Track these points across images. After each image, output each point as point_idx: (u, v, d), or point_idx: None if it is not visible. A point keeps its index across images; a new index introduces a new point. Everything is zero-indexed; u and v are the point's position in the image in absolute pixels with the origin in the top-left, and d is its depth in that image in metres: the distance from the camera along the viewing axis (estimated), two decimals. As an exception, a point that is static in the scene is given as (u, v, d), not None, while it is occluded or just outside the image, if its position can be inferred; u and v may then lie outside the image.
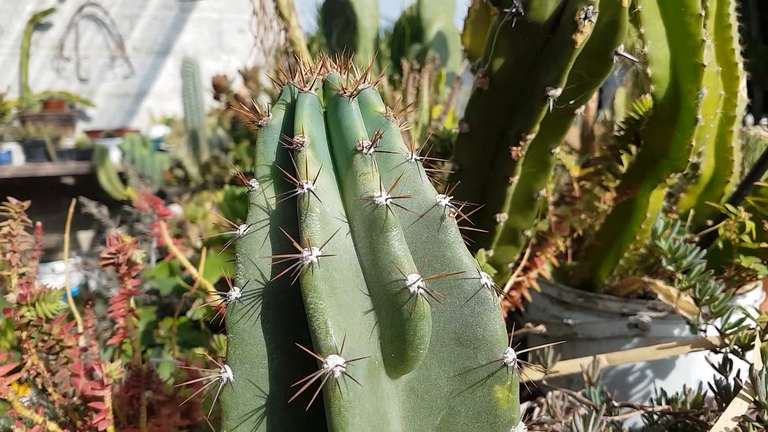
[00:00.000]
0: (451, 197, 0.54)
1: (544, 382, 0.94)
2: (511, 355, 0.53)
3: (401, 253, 0.50)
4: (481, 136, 0.83)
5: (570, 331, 1.18)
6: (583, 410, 0.82)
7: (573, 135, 1.58)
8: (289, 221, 0.53)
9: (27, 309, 0.82)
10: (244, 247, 0.53)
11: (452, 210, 0.53)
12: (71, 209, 1.03)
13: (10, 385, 0.83)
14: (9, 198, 0.87)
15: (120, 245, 0.75)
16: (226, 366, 0.51)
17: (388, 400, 0.53)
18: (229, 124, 3.59)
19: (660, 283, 1.04)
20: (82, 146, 5.06)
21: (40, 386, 0.88)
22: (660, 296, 1.03)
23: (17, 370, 0.88)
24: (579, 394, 0.89)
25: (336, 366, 0.45)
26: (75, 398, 0.91)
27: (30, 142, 4.88)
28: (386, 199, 0.49)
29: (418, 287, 0.48)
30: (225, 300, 0.52)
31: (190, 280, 1.55)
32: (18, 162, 4.79)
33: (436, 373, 0.55)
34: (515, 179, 0.85)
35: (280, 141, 0.52)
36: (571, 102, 0.74)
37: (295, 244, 0.48)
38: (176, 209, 2.65)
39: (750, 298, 1.11)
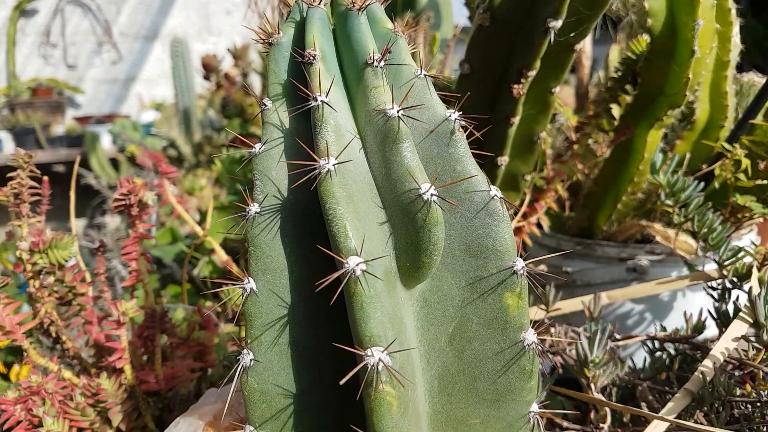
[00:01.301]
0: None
1: (546, 320, 0.96)
2: (520, 263, 0.55)
3: (414, 164, 0.51)
4: (481, 77, 0.84)
5: (569, 278, 1.20)
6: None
7: (568, 94, 1.60)
8: (303, 138, 0.54)
9: (39, 256, 0.84)
10: (261, 164, 0.54)
11: (462, 125, 0.55)
12: (76, 165, 1.04)
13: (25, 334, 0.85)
14: (17, 150, 0.88)
15: (131, 186, 0.76)
16: (249, 278, 0.53)
17: (404, 308, 0.55)
18: (219, 104, 3.59)
19: (658, 226, 1.06)
20: (72, 133, 5.04)
21: (54, 335, 0.90)
22: (658, 238, 1.05)
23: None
24: (580, 329, 0.91)
25: (357, 265, 0.47)
26: (89, 346, 0.93)
27: (20, 130, 4.85)
28: (398, 111, 0.51)
29: (431, 194, 0.50)
30: (244, 216, 0.53)
31: (194, 247, 1.56)
32: (9, 150, 4.76)
33: (448, 283, 0.56)
34: (516, 120, 0.87)
35: (292, 54, 0.54)
36: (571, 35, 0.76)
37: (312, 153, 0.50)
38: (171, 188, 2.66)
39: (746, 240, 1.13)
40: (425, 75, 0.55)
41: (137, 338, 0.84)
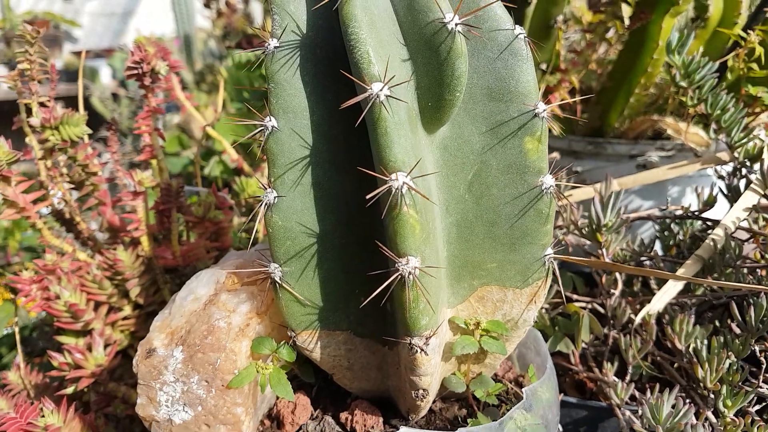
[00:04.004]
0: None
1: (557, 208, 0.97)
2: (542, 106, 0.55)
3: (438, -7, 0.51)
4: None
5: (579, 178, 1.20)
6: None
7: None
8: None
9: (51, 132, 0.83)
10: (279, -3, 0.53)
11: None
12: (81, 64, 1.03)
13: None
14: (24, 25, 0.86)
15: (143, 54, 0.75)
16: (269, 116, 0.53)
17: (425, 152, 0.55)
18: (221, 33, 3.51)
19: (669, 119, 1.06)
20: (71, 67, 4.95)
21: (67, 215, 0.90)
22: (669, 131, 1.05)
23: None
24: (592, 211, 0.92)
25: (381, 90, 0.47)
26: (103, 230, 0.94)
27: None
28: (422, -61, 0.50)
29: (456, 24, 0.50)
30: (264, 51, 0.53)
31: (204, 155, 1.56)
32: (6, 85, 4.68)
33: (468, 130, 0.56)
34: (533, 2, 0.85)
35: None
36: None
37: (334, -22, 0.49)
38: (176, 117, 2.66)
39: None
40: None
41: (153, 213, 0.84)
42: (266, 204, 0.54)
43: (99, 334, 0.83)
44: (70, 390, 0.82)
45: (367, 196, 0.47)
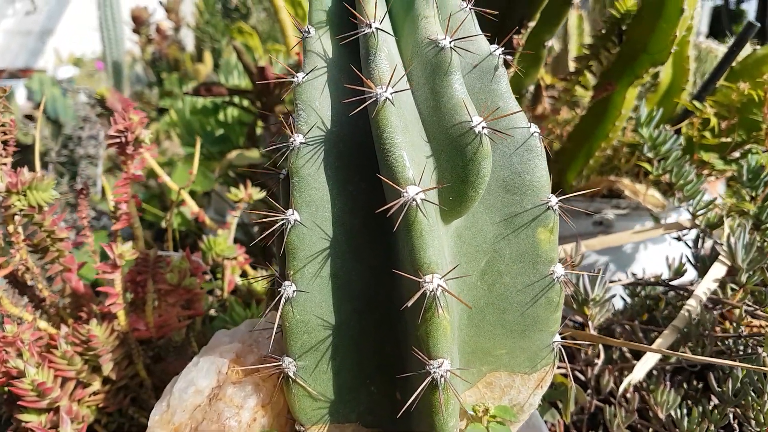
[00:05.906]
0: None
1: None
2: (554, 199, 0.57)
3: (465, 96, 0.52)
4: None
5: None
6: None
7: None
8: (346, 68, 0.53)
9: (17, 198, 0.78)
10: (304, 94, 0.53)
11: (505, 60, 0.55)
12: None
13: None
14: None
15: (128, 123, 0.72)
16: (292, 210, 0.52)
17: (444, 243, 0.55)
18: (150, 59, 3.41)
19: (626, 181, 1.11)
20: (-20, 86, 4.65)
21: (29, 282, 0.84)
22: (627, 192, 1.11)
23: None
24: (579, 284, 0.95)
25: (417, 194, 0.47)
26: (65, 296, 0.88)
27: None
28: (450, 42, 0.51)
29: (483, 127, 0.50)
30: (288, 145, 0.52)
31: (145, 199, 1.50)
32: None
33: (482, 219, 0.57)
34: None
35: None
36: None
37: (368, 81, 0.49)
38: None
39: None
40: (470, 8, 0.55)
41: (128, 283, 0.80)
42: (285, 298, 0.53)
43: (66, 412, 0.78)
44: (31, 474, 0.76)
45: (408, 304, 0.46)
